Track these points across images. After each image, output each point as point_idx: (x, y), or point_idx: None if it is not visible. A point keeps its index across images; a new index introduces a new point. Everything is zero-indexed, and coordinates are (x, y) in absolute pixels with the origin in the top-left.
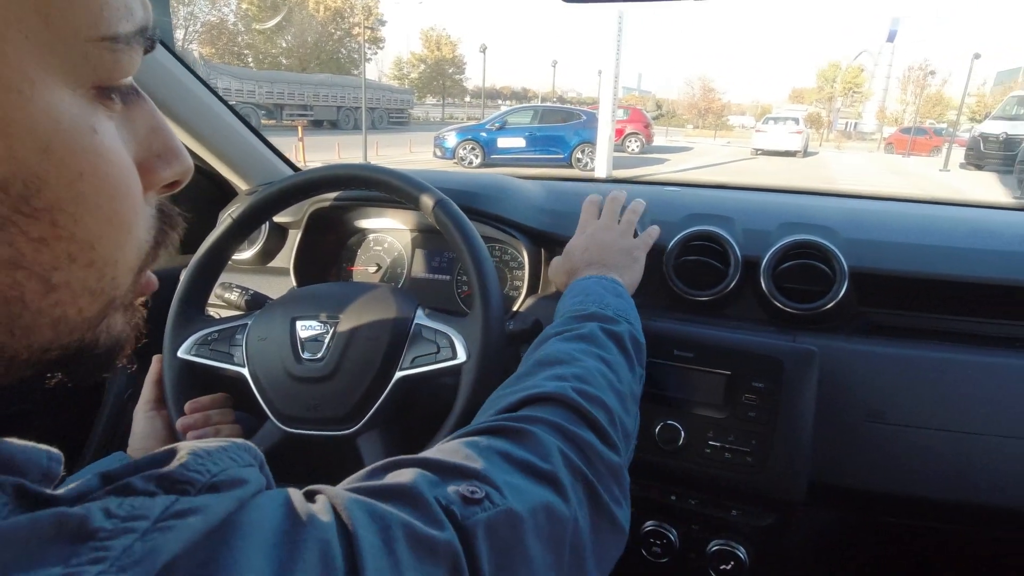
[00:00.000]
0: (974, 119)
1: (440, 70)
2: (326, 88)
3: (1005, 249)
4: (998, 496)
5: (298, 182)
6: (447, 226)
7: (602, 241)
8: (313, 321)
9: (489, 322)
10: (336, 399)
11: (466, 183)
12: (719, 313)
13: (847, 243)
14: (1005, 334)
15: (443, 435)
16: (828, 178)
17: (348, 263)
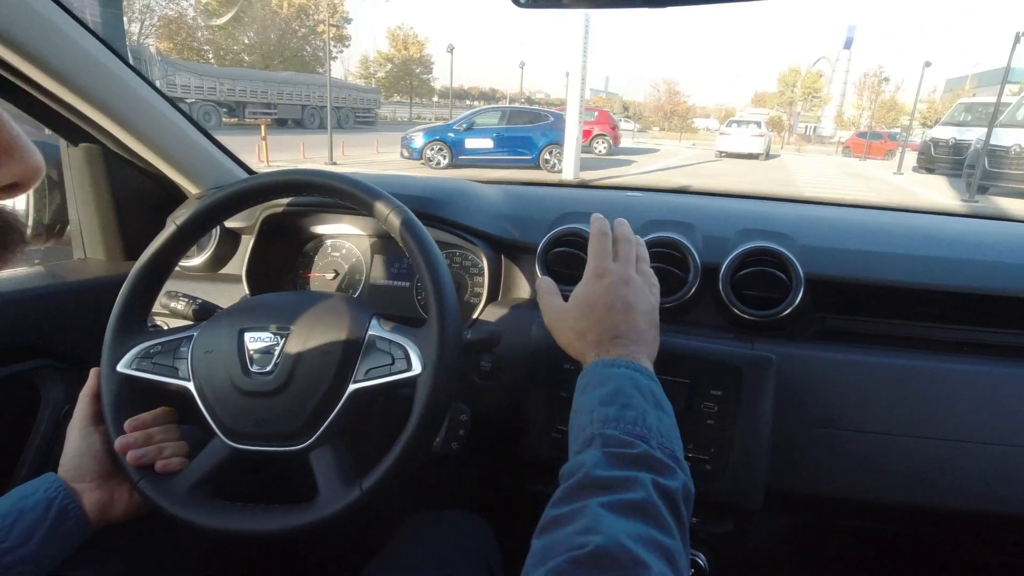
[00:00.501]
0: (925, 124)
1: (407, 70)
2: (290, 86)
3: (955, 257)
4: (950, 499)
5: (248, 187)
6: (401, 234)
7: (627, 302)
8: (262, 332)
9: (445, 332)
10: (286, 414)
11: (425, 188)
12: (679, 320)
13: (803, 250)
14: (956, 339)
15: (399, 448)
16: (789, 181)
17: (304, 270)
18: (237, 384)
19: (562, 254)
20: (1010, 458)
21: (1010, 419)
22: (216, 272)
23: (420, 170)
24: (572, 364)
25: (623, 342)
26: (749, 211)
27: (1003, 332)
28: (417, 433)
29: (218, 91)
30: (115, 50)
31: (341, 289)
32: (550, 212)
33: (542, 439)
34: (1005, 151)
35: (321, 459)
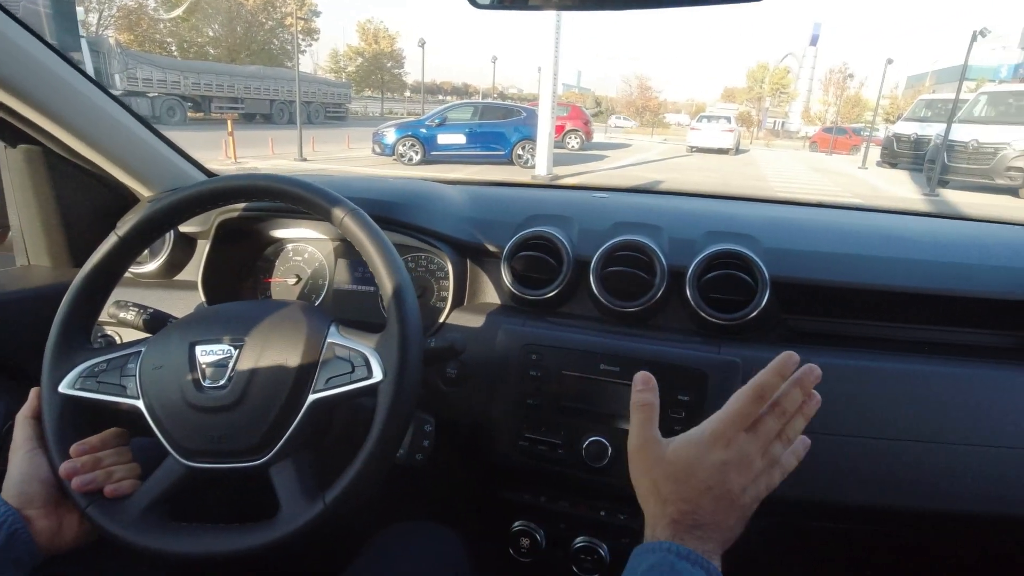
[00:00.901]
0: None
1: (378, 64)
2: (258, 80)
3: (917, 258)
4: (919, 500)
5: (195, 194)
6: (356, 238)
7: (730, 492)
8: (215, 345)
9: (406, 338)
10: (243, 429)
11: (386, 192)
12: (647, 324)
13: (768, 252)
14: (919, 339)
15: (363, 459)
16: (758, 175)
17: (265, 275)
18: (190, 400)
19: (528, 258)
20: (978, 458)
21: (976, 420)
22: (171, 279)
23: (392, 166)
24: (539, 371)
25: (701, 535)
26: (716, 212)
27: (964, 331)
28: (380, 442)
29: (182, 85)
30: (51, 45)
31: (304, 294)
32: (516, 214)
33: (511, 446)
34: (963, 146)
35: (282, 473)
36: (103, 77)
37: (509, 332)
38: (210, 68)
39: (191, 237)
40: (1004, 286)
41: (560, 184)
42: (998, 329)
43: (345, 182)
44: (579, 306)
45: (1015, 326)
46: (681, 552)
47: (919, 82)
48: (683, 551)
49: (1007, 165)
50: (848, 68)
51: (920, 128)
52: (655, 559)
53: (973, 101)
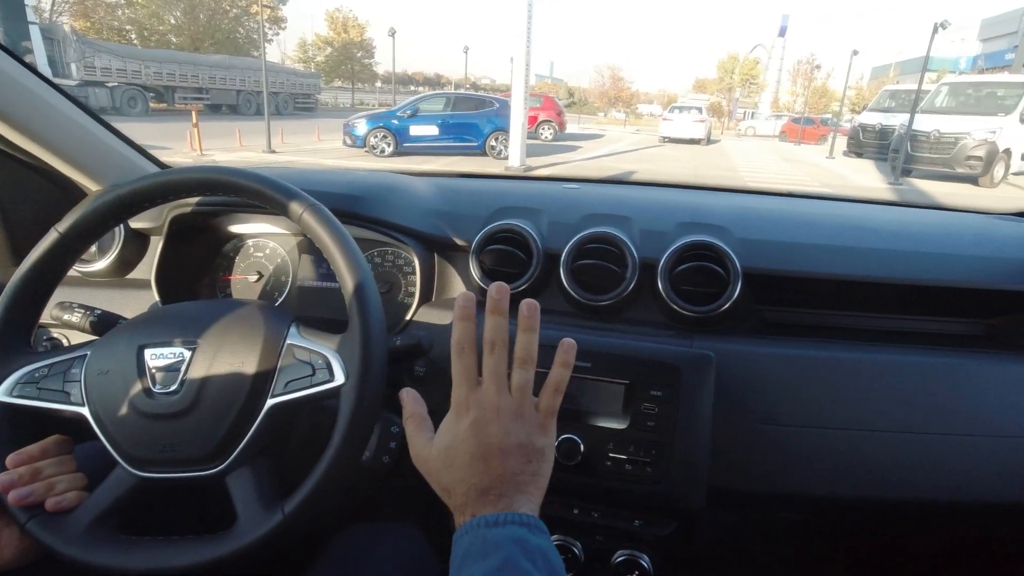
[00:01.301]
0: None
1: (348, 54)
2: (223, 70)
3: (885, 248)
4: (890, 490)
5: (142, 188)
6: (316, 233)
7: (489, 445)
8: (165, 348)
9: (368, 339)
10: (197, 436)
11: (349, 185)
12: (618, 317)
13: (740, 243)
14: (890, 328)
15: (323, 467)
16: (729, 166)
17: (224, 272)
18: (139, 407)
19: (497, 252)
20: (945, 448)
21: (945, 410)
22: (123, 277)
23: (364, 158)
24: (509, 368)
25: (494, 497)
26: (687, 203)
27: (934, 320)
28: (342, 450)
29: (144, 75)
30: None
31: (266, 292)
32: (485, 207)
33: None
34: (926, 136)
35: (239, 482)
36: (58, 66)
37: (478, 327)
38: (172, 57)
39: (143, 233)
40: (971, 275)
41: (531, 175)
42: (966, 317)
43: (306, 175)
44: (550, 300)
45: (982, 314)
46: (488, 519)
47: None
48: (489, 518)
49: (967, 154)
50: (815, 59)
51: (884, 118)
52: (467, 541)
53: (935, 92)
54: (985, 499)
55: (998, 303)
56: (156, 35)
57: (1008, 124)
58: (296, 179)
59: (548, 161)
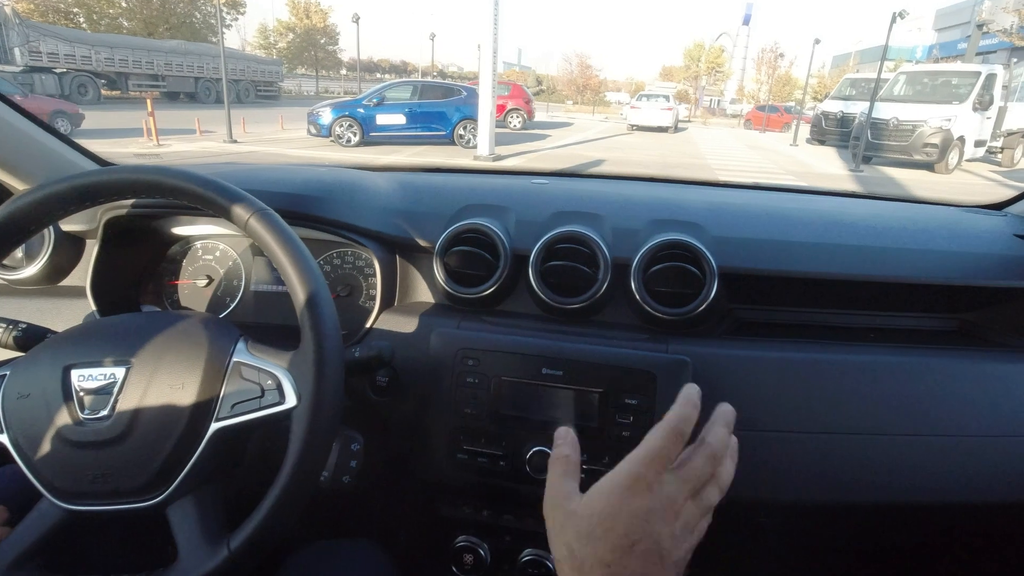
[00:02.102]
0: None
1: (311, 40)
2: (180, 56)
3: (860, 244)
4: (866, 494)
5: (62, 191)
6: (264, 240)
7: (659, 547)
8: (95, 369)
9: (322, 356)
10: (133, 465)
11: (304, 184)
12: (590, 320)
13: (716, 241)
14: (866, 325)
15: (272, 499)
16: (696, 153)
17: (171, 277)
18: (65, 434)
19: (463, 253)
20: (922, 449)
21: (920, 411)
22: (55, 285)
23: (330, 148)
24: (476, 378)
25: None
26: (660, 198)
27: (909, 316)
28: (294, 478)
29: (94, 60)
30: None
31: (217, 297)
32: (449, 205)
33: (449, 460)
34: (885, 124)
35: (181, 514)
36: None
37: (443, 335)
38: (125, 42)
39: (78, 236)
40: (946, 271)
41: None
42: (940, 313)
43: (257, 172)
44: (518, 303)
45: (956, 309)
46: None
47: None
48: None
49: (924, 141)
50: (779, 47)
51: (845, 106)
52: None
53: (893, 80)
54: (963, 500)
55: (970, 298)
56: (106, 18)
57: (962, 112)
58: (247, 178)
59: (518, 150)
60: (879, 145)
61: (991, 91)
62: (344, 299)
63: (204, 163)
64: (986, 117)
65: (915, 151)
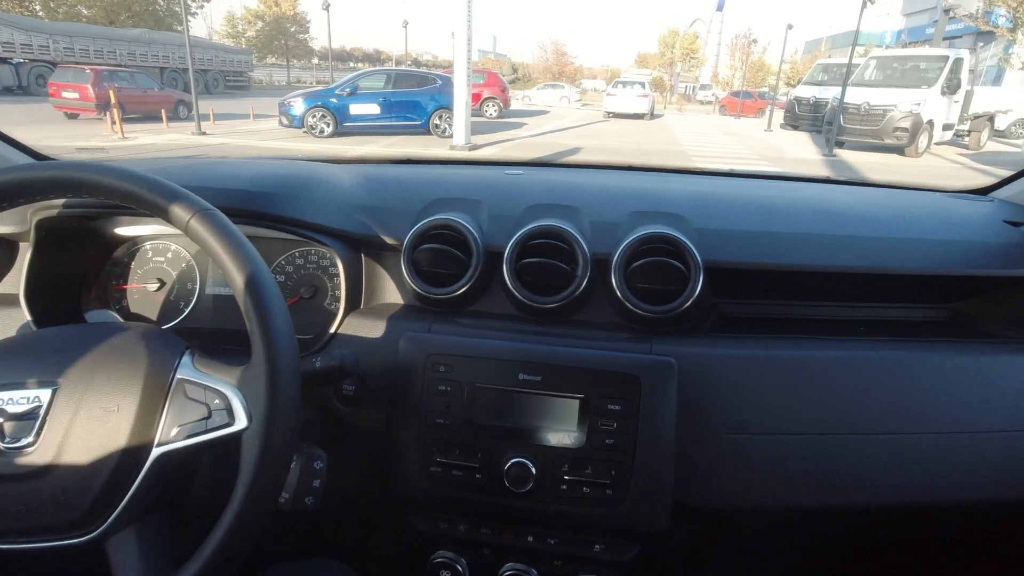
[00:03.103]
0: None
1: (281, 28)
2: (143, 46)
3: (846, 234)
4: (857, 495)
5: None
6: (206, 243)
7: None
8: (16, 391)
9: (275, 372)
10: (63, 496)
11: (255, 180)
12: (569, 320)
13: (699, 234)
14: (852, 317)
15: (224, 527)
16: (672, 139)
17: (118, 281)
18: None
19: (433, 251)
20: (915, 447)
21: (912, 408)
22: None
23: (302, 139)
24: (448, 385)
25: None
26: (639, 188)
27: (897, 307)
28: (245, 507)
29: (52, 50)
30: None
31: (170, 301)
32: (417, 199)
33: (422, 473)
34: (856, 108)
35: (121, 549)
36: None
37: (412, 340)
38: (85, 31)
39: (8, 239)
40: (936, 261)
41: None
42: (929, 303)
43: (203, 167)
44: (493, 303)
45: (945, 299)
46: None
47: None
48: None
49: (894, 126)
50: (752, 34)
51: (818, 91)
52: None
53: (864, 65)
54: (957, 499)
55: (960, 288)
56: (64, 6)
57: (931, 96)
58: (193, 173)
59: (494, 139)
60: (851, 129)
61: (958, 75)
62: (308, 301)
63: (154, 158)
64: (954, 101)
65: (886, 135)
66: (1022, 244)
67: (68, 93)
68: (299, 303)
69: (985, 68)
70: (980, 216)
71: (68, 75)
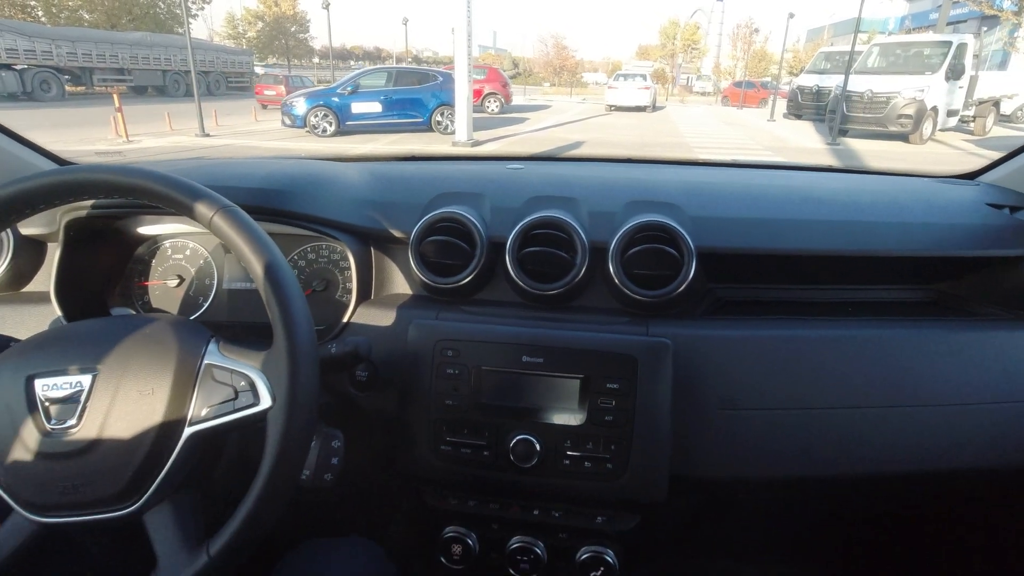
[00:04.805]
0: (792, 73)
1: (281, 28)
2: (145, 49)
3: (834, 219)
4: (847, 466)
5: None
6: (229, 239)
7: None
8: (59, 377)
9: (296, 355)
10: (105, 474)
11: (269, 178)
12: (570, 306)
13: (692, 221)
14: (842, 299)
15: (251, 502)
16: (675, 131)
17: (140, 278)
18: (32, 446)
19: (438, 243)
20: (901, 420)
21: (898, 382)
22: (18, 291)
23: (305, 139)
24: (456, 368)
25: None
26: (635, 179)
27: (884, 288)
28: (271, 481)
29: (55, 55)
30: None
31: (189, 296)
32: (422, 194)
33: (432, 452)
34: (859, 96)
35: (158, 521)
36: None
37: (420, 327)
38: (87, 35)
39: (38, 240)
40: (921, 243)
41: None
42: (914, 284)
43: (219, 168)
44: (496, 291)
45: (932, 280)
46: None
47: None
48: None
49: (898, 113)
50: (753, 23)
51: (821, 80)
52: None
53: (867, 53)
54: (941, 467)
55: (946, 269)
56: (66, 11)
57: (934, 83)
58: (210, 173)
59: (496, 134)
60: (854, 118)
61: (962, 60)
62: (320, 294)
63: (169, 159)
64: (958, 87)
65: (890, 122)
66: (1003, 226)
67: (268, 91)
68: (312, 296)
69: (990, 53)
70: (965, 200)
71: (269, 80)
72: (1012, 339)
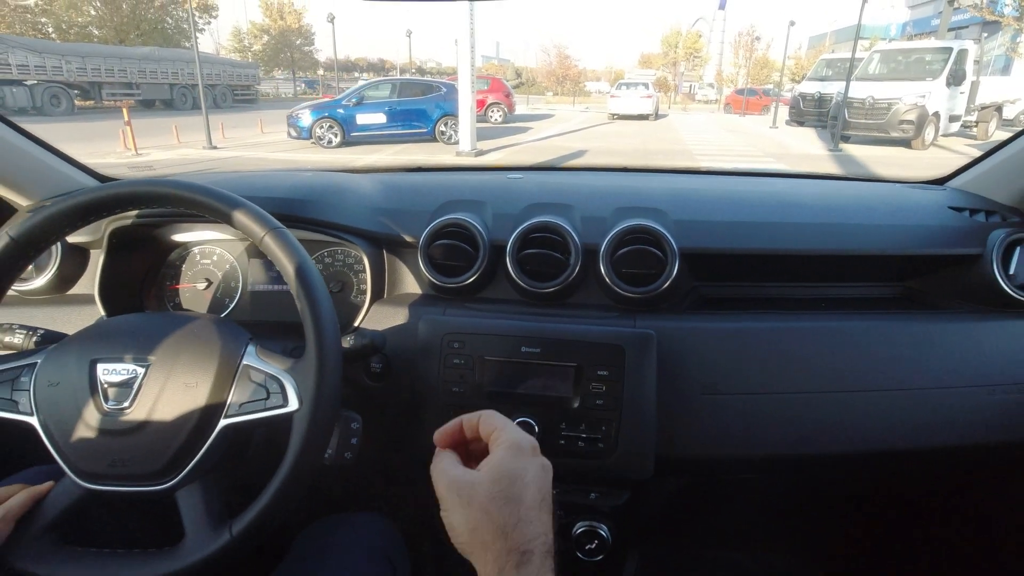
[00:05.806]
0: (794, 80)
1: (287, 41)
2: (153, 63)
3: (808, 221)
4: (819, 446)
5: (92, 199)
6: (277, 257)
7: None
8: (118, 364)
9: (324, 366)
10: (148, 452)
11: (294, 189)
12: (565, 302)
13: (676, 224)
14: (817, 295)
15: (273, 491)
16: (677, 139)
17: (172, 281)
18: (90, 421)
19: (445, 246)
20: (875, 402)
21: (868, 369)
22: (64, 294)
23: (311, 150)
24: (461, 359)
25: (534, 558)
26: (625, 187)
27: (856, 286)
28: (292, 473)
29: (65, 70)
30: None
31: (216, 299)
32: (430, 202)
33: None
34: (861, 103)
35: (188, 499)
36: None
37: (430, 322)
38: (96, 51)
39: (82, 248)
40: (886, 243)
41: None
42: (886, 281)
43: (248, 180)
44: (498, 290)
45: (901, 277)
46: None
47: (819, 42)
48: None
49: (900, 119)
50: (755, 31)
51: (823, 87)
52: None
53: (868, 59)
54: (909, 446)
55: (912, 267)
56: (75, 27)
57: (936, 88)
58: (239, 185)
59: (500, 144)
60: (856, 124)
61: (963, 66)
62: (336, 295)
63: (199, 172)
64: (960, 92)
65: (892, 128)
66: (962, 227)
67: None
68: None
69: (993, 58)
70: (930, 203)
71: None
72: (974, 328)
